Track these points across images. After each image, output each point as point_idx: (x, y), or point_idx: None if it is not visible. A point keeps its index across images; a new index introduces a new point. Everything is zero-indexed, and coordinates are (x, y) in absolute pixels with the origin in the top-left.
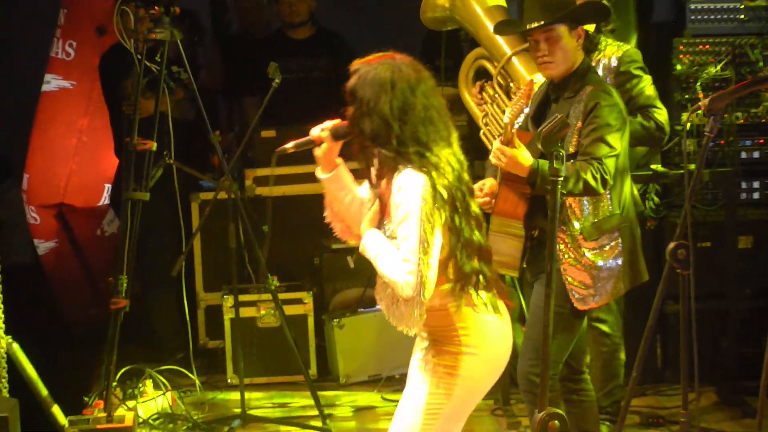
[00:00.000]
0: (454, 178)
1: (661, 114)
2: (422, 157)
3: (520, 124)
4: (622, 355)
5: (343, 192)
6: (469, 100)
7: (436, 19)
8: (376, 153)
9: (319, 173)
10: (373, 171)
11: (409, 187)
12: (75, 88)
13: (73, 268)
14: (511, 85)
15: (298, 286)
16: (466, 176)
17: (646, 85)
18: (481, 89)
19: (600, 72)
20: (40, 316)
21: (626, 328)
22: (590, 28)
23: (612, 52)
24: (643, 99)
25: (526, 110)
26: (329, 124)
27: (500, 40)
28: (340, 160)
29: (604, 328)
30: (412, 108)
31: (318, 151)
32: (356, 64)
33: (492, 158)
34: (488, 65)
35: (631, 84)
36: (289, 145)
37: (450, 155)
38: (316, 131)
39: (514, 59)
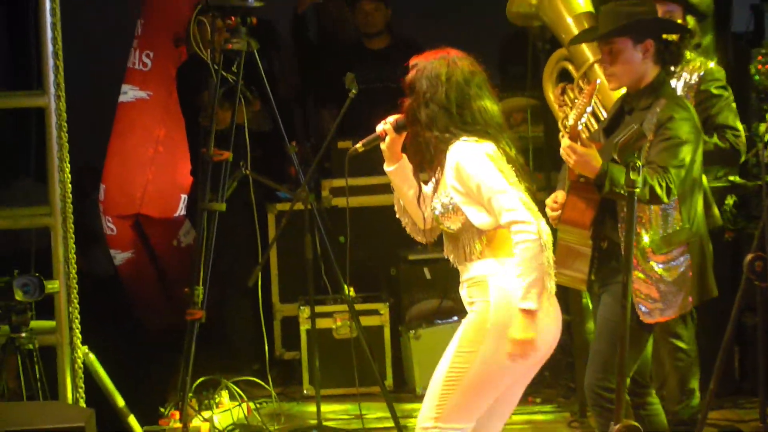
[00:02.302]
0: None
1: (739, 136)
2: (481, 133)
3: (586, 125)
4: (697, 369)
5: (407, 185)
6: (552, 100)
7: (521, 14)
8: (431, 138)
9: (386, 166)
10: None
11: (471, 154)
12: (152, 98)
13: (150, 278)
14: (583, 86)
15: (375, 297)
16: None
17: (726, 105)
18: (563, 91)
19: (680, 87)
20: (117, 327)
21: (704, 341)
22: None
23: (695, 68)
24: (722, 119)
25: (590, 110)
26: (391, 118)
27: (583, 46)
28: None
29: (680, 343)
30: (467, 97)
31: (383, 145)
32: (414, 59)
33: (562, 154)
34: (571, 68)
35: (710, 103)
36: (358, 145)
37: (505, 141)
38: (380, 127)
39: (596, 66)
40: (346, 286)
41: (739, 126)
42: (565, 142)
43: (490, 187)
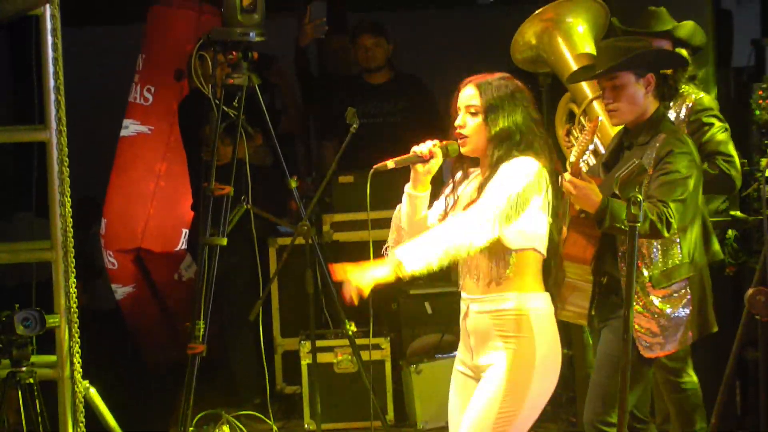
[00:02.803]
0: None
1: (731, 162)
2: (537, 154)
3: (587, 162)
4: (700, 404)
5: (422, 209)
6: (562, 142)
7: (526, 59)
8: (493, 159)
9: (414, 190)
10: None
11: (520, 165)
12: (153, 132)
13: (151, 312)
14: (585, 124)
15: (376, 332)
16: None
17: (717, 133)
18: (568, 132)
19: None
20: (119, 361)
21: (705, 376)
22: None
23: (684, 101)
24: (712, 146)
25: (591, 147)
26: (437, 142)
27: (583, 84)
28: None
29: (679, 379)
30: (536, 118)
31: (422, 168)
32: (474, 79)
33: (561, 186)
34: (575, 108)
35: (701, 131)
36: (390, 161)
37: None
38: (424, 148)
39: (595, 103)
40: (346, 321)
41: (733, 152)
42: (566, 176)
43: (500, 189)
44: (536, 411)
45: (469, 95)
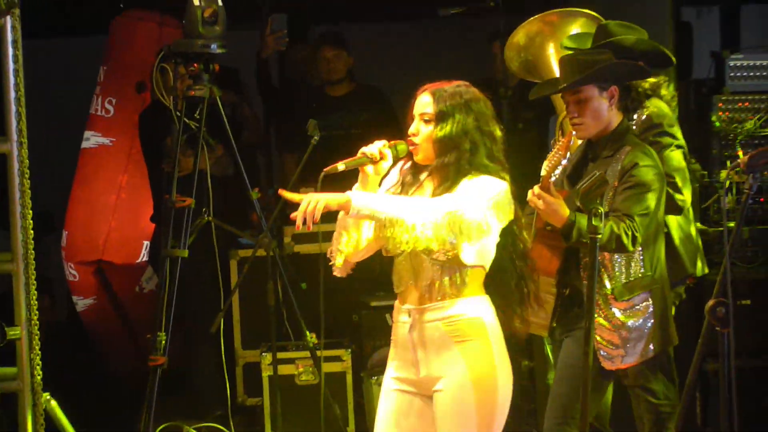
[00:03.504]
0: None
1: (675, 186)
2: (498, 171)
3: (557, 177)
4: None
5: None
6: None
7: (521, 67)
8: (453, 167)
9: (363, 189)
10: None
11: (486, 181)
12: (114, 145)
13: (112, 324)
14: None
15: (337, 344)
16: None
17: (666, 152)
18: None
19: None
20: (80, 373)
21: None
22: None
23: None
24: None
25: (564, 162)
26: (385, 142)
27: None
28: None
29: (652, 398)
30: (487, 129)
31: (372, 169)
32: (430, 87)
33: (528, 201)
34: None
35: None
36: (340, 164)
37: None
38: (374, 149)
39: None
40: (307, 333)
41: (682, 173)
42: (535, 189)
43: (470, 191)
44: (506, 410)
45: (424, 103)
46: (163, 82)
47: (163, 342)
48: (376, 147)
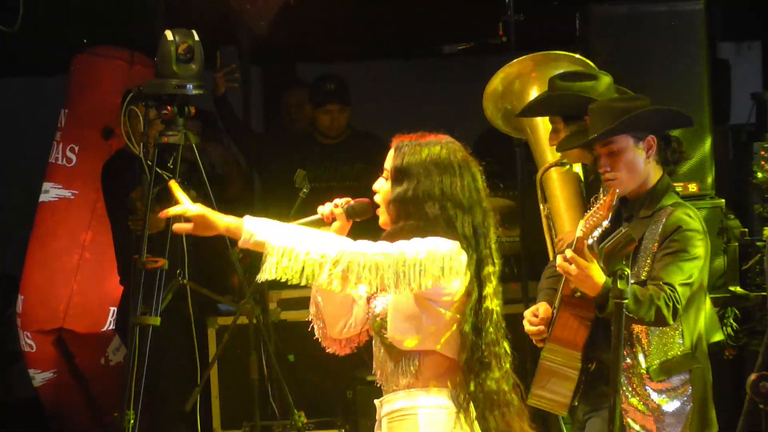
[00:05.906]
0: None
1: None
2: (463, 240)
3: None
4: None
5: None
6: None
7: (505, 121)
8: (392, 233)
9: None
10: None
11: (429, 239)
12: (77, 198)
13: (75, 401)
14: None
15: (329, 423)
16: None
17: None
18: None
19: None
20: None
21: None
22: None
23: None
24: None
25: (606, 223)
26: (341, 201)
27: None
28: None
29: None
30: (459, 197)
31: (327, 231)
32: (400, 139)
33: (558, 267)
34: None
35: None
36: (294, 223)
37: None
38: (326, 209)
39: (552, 171)
40: (296, 411)
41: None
42: (568, 252)
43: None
44: None
45: (389, 156)
46: (132, 128)
47: (132, 421)
48: (328, 207)
